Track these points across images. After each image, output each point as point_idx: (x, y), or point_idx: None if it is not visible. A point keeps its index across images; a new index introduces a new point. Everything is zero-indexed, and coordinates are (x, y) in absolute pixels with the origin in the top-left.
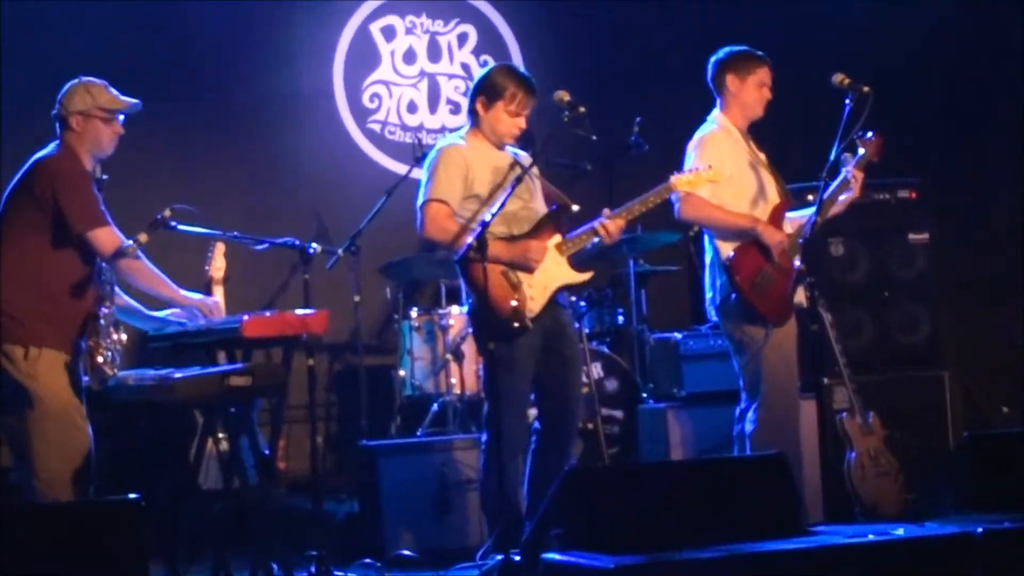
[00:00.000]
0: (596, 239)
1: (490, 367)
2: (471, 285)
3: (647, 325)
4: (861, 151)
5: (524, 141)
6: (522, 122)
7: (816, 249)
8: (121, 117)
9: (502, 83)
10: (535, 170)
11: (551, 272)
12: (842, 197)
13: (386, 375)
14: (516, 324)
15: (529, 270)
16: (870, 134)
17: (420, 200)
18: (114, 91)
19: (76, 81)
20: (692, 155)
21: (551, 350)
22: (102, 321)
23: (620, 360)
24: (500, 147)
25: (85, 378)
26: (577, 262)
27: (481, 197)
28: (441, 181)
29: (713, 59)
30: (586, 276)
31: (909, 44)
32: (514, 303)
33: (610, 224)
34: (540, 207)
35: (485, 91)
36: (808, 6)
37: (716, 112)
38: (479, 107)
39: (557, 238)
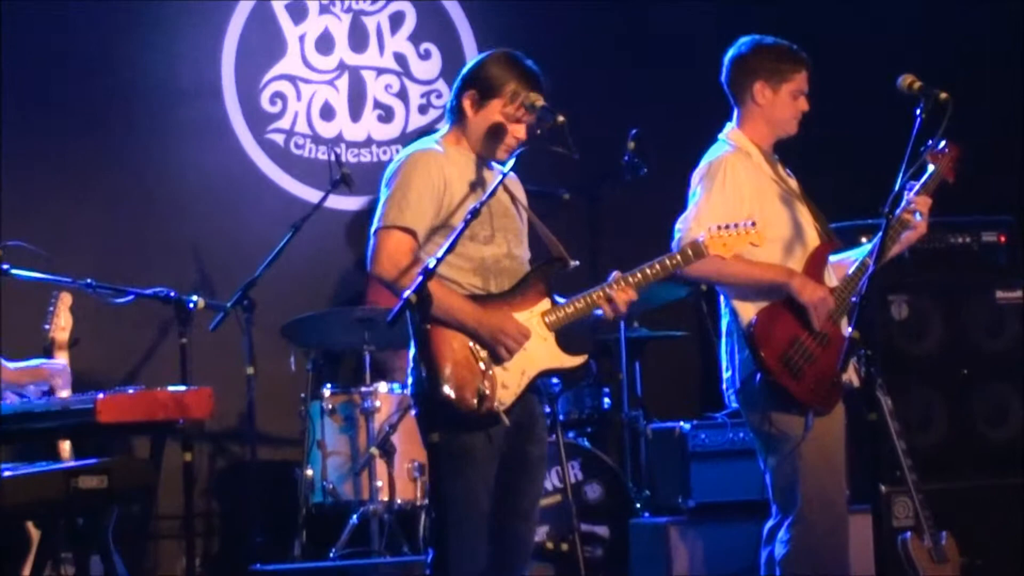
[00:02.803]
0: (598, 312)
1: (437, 465)
2: (419, 352)
3: (643, 411)
4: (930, 168)
5: None
6: (523, 131)
7: (873, 310)
8: None
9: (501, 76)
10: (523, 197)
11: (534, 351)
12: (904, 235)
13: (288, 475)
14: (482, 419)
15: (497, 357)
16: (943, 144)
17: (376, 224)
18: None
19: None
20: (699, 190)
21: (514, 448)
22: None
23: (606, 458)
24: (488, 163)
25: None
26: (566, 337)
27: (451, 225)
28: (409, 201)
29: (732, 54)
30: (579, 360)
31: (996, 41)
32: (483, 391)
33: (617, 296)
34: (528, 255)
35: (477, 84)
36: None
37: (731, 127)
38: (467, 105)
39: (545, 303)
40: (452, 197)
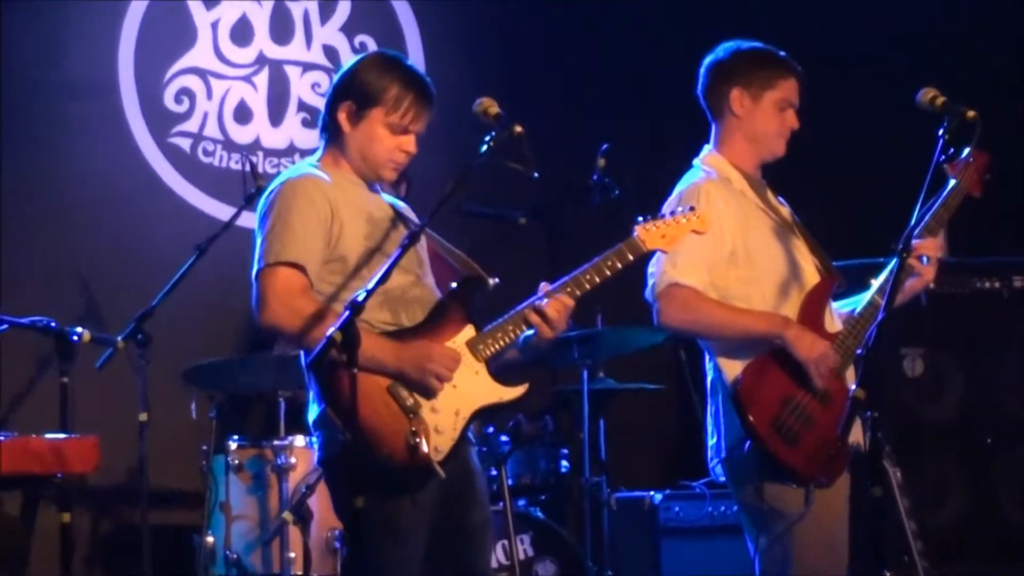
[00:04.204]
0: (529, 331)
1: (358, 536)
2: (332, 406)
3: (607, 477)
4: (952, 182)
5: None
6: (411, 144)
7: (883, 365)
8: None
9: (381, 80)
10: (415, 219)
11: (466, 386)
12: (908, 283)
13: (185, 542)
14: (415, 474)
15: (429, 391)
16: (966, 152)
17: (257, 265)
18: None
19: None
20: None
21: (449, 513)
22: None
23: (562, 532)
24: (372, 184)
25: None
26: (502, 369)
27: (349, 262)
28: (294, 233)
29: (709, 61)
30: (519, 391)
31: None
32: (412, 440)
33: (549, 306)
34: (435, 284)
35: (353, 93)
36: None
37: (708, 151)
38: (343, 119)
39: (468, 331)
40: (341, 225)
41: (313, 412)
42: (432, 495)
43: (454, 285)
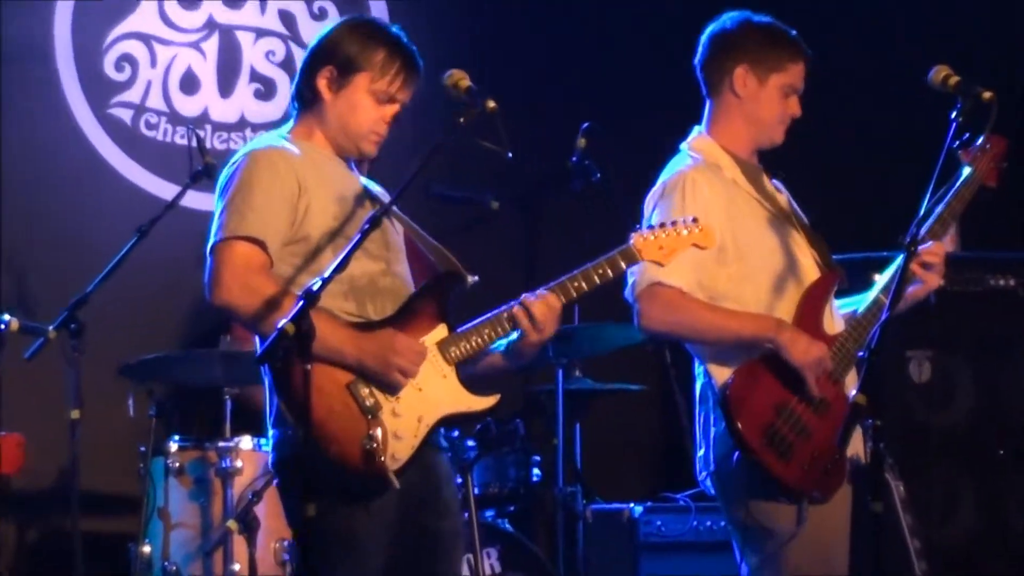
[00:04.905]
0: (511, 333)
1: (309, 546)
2: (286, 402)
3: (582, 487)
4: (966, 171)
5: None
6: (392, 113)
7: (886, 368)
8: None
9: (367, 43)
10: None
11: (432, 391)
12: (911, 290)
13: (119, 550)
14: (369, 481)
15: (392, 387)
16: (982, 138)
17: (213, 238)
18: None
19: None
20: (653, 217)
21: (411, 522)
22: None
23: (532, 546)
24: (350, 162)
25: None
26: (474, 376)
27: (313, 244)
28: (255, 207)
29: (713, 29)
30: (489, 402)
31: None
32: (368, 445)
33: (537, 306)
34: (409, 274)
35: (335, 58)
36: None
37: (697, 132)
38: (323, 85)
39: (440, 330)
40: (309, 204)
41: (269, 407)
42: (390, 504)
43: (429, 279)
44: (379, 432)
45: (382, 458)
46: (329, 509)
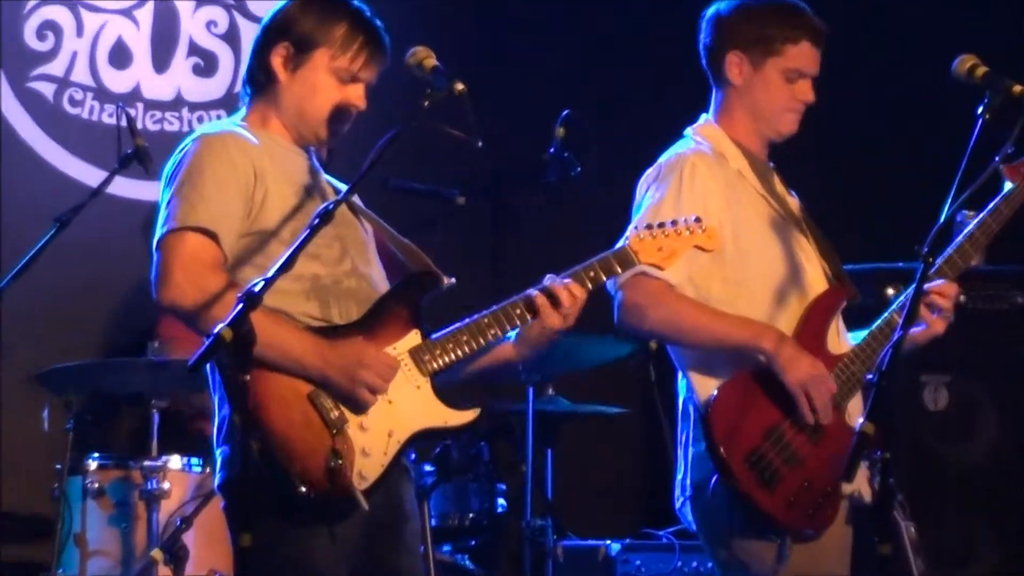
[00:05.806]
0: (501, 340)
1: None
2: (240, 412)
3: (553, 520)
4: (1008, 185)
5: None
6: (360, 97)
7: (898, 394)
8: None
9: (326, 17)
10: (359, 202)
11: (404, 405)
12: (916, 331)
13: None
14: (334, 503)
15: (358, 404)
16: None
17: (161, 230)
18: None
19: None
20: (644, 201)
21: (369, 554)
22: None
23: None
24: (311, 153)
25: None
26: (454, 383)
27: (268, 233)
28: (204, 194)
29: (711, 12)
30: (468, 416)
31: None
32: (333, 462)
33: (564, 290)
34: (381, 276)
35: (290, 34)
36: None
37: (705, 120)
38: (278, 64)
39: (414, 337)
40: (265, 195)
41: (217, 419)
42: (354, 530)
43: (400, 281)
44: (345, 448)
45: (348, 477)
46: (286, 534)
